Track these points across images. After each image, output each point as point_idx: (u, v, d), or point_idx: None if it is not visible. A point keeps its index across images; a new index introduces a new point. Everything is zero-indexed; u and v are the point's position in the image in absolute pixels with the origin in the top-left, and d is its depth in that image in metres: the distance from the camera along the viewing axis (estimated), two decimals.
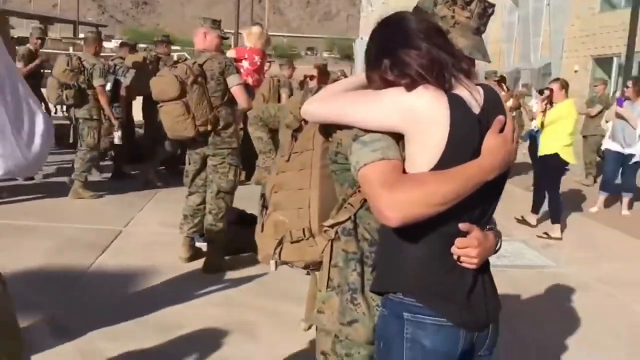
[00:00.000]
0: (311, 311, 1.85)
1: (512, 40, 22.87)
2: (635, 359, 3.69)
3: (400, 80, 1.48)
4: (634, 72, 14.68)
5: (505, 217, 7.06)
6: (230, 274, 4.73)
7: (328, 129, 1.71)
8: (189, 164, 4.73)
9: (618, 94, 7.83)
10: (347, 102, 1.59)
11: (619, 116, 7.57)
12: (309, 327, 1.93)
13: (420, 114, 1.46)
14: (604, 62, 17.28)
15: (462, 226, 1.50)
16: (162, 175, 8.09)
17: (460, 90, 1.51)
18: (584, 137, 10.35)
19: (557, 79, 6.99)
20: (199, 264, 4.83)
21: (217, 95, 4.45)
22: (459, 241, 1.51)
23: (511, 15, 23.11)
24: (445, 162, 1.46)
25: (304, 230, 1.76)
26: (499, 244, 1.63)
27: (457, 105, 1.47)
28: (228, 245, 4.82)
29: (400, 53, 1.48)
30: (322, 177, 1.76)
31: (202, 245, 4.98)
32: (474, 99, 1.52)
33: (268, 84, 7.21)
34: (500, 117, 1.53)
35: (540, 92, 7.03)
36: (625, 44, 15.43)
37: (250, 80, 4.71)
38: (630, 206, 7.92)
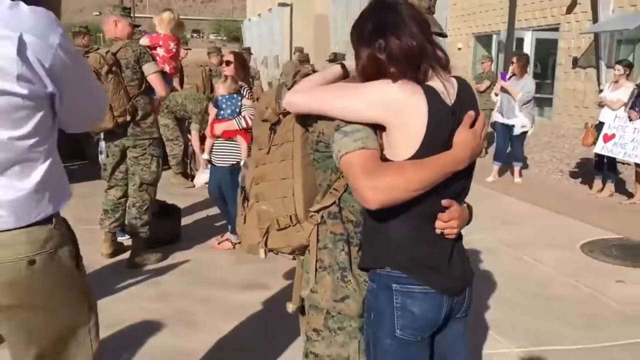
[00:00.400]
0: (298, 293, 1.93)
1: None
2: (547, 313, 4.07)
3: (389, 64, 1.58)
4: (513, 48, 15.70)
5: None
6: (156, 266, 4.66)
7: (306, 120, 1.79)
8: (107, 156, 4.58)
9: (509, 71, 8.37)
10: (332, 95, 1.67)
11: (504, 90, 8.14)
12: (296, 309, 2.01)
13: (401, 107, 1.57)
14: (484, 40, 18.31)
15: (445, 202, 1.64)
16: None
17: (435, 82, 1.63)
18: None
19: None
20: (121, 259, 4.72)
21: (133, 85, 4.33)
22: (443, 216, 1.65)
23: None
24: (423, 150, 1.59)
25: (290, 217, 1.84)
26: (471, 216, 1.79)
27: (432, 97, 1.60)
28: (150, 237, 4.74)
29: (395, 36, 1.58)
30: (303, 166, 1.84)
31: (124, 240, 4.86)
32: (447, 90, 1.64)
33: (201, 74, 7.07)
34: (471, 113, 1.66)
35: None
36: (504, 22, 16.50)
37: (167, 68, 4.60)
38: (520, 174, 8.56)
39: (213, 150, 5.04)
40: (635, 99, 7.11)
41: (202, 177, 7.70)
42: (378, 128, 1.63)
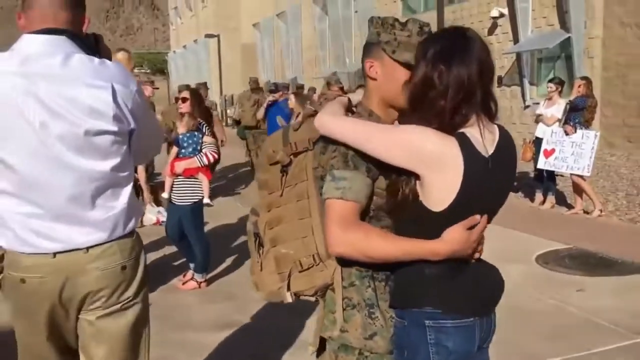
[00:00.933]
0: (319, 335, 1.89)
1: (326, 47, 24.09)
2: (522, 328, 4.18)
3: (438, 94, 1.59)
4: None
5: None
6: None
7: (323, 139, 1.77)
8: None
9: None
10: (369, 131, 1.65)
11: None
12: (316, 350, 1.97)
13: (435, 161, 1.58)
14: None
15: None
16: None
17: (473, 129, 1.61)
18: None
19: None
20: None
21: None
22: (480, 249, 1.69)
23: (321, 22, 24.32)
24: (459, 201, 1.59)
25: (313, 256, 1.81)
26: None
27: (467, 149, 1.59)
28: None
29: (457, 70, 1.59)
30: (319, 203, 1.81)
31: None
32: (483, 139, 1.62)
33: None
34: (476, 217, 1.64)
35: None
36: None
37: None
38: None
39: (174, 188, 4.93)
40: (569, 113, 7.51)
41: (150, 216, 7.51)
42: (413, 174, 1.63)
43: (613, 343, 3.90)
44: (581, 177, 7.37)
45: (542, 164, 7.66)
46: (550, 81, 8.27)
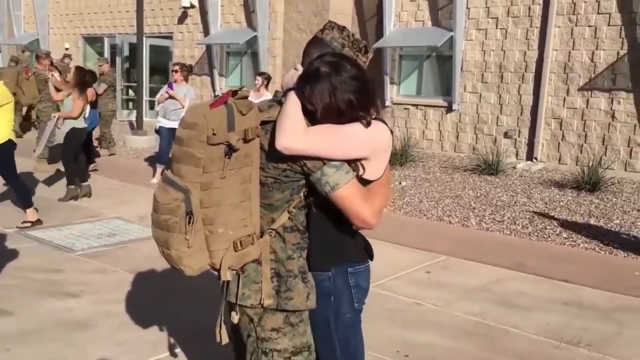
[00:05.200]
0: (237, 303, 2.05)
1: None
2: None
3: (365, 114, 1.97)
4: (126, 52, 16.12)
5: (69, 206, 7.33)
6: None
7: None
8: None
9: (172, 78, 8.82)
10: (328, 141, 1.91)
11: (171, 97, 8.66)
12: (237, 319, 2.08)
13: (386, 144, 2.02)
14: (94, 41, 18.08)
15: None
16: None
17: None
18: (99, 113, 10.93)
19: None
20: None
21: None
22: None
23: None
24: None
25: (252, 237, 1.98)
26: None
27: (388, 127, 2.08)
28: None
29: (371, 95, 2.00)
30: (258, 188, 2.00)
31: None
32: None
33: None
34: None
35: None
36: (115, 25, 16.74)
37: None
38: None
39: None
40: None
41: None
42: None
43: None
44: None
45: None
46: (259, 74, 9.14)
